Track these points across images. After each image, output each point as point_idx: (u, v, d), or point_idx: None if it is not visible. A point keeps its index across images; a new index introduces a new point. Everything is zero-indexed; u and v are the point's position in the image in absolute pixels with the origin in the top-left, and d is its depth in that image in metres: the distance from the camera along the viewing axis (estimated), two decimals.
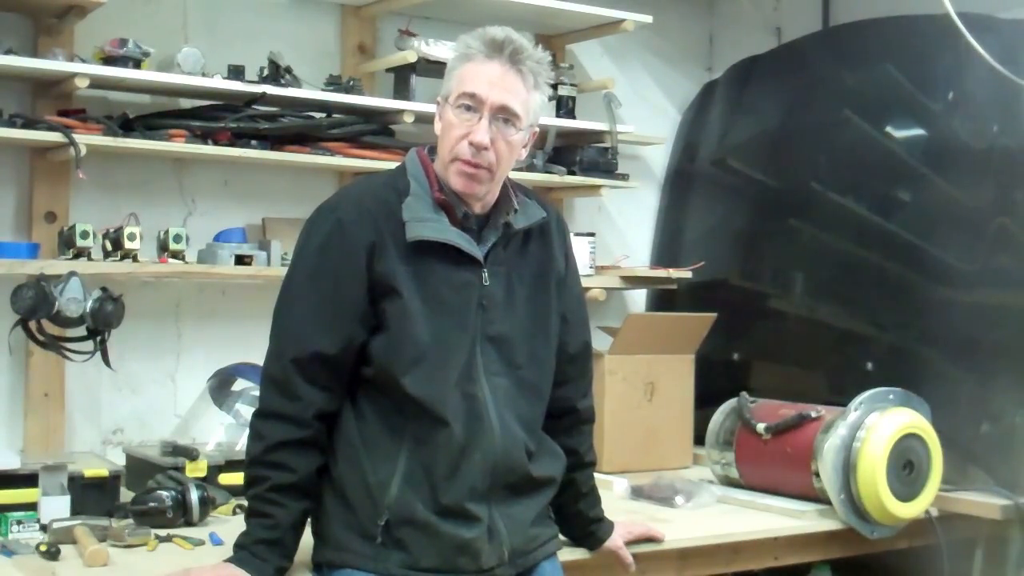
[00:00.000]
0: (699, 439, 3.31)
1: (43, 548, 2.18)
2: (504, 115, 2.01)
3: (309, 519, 2.06)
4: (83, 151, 2.73)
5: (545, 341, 2.14)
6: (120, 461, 2.85)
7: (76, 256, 2.79)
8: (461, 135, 2.01)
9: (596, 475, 2.33)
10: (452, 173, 2.03)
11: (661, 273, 3.71)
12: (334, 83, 3.21)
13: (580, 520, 2.31)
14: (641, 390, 3.38)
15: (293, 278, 2.05)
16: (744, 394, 3.10)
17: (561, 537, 2.26)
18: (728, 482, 3.07)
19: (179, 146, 2.92)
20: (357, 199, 2.06)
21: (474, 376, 2.03)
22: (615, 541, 2.35)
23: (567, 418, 2.24)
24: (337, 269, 2.00)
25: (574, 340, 2.23)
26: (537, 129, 2.13)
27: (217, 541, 2.29)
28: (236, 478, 2.50)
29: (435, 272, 2.01)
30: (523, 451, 2.08)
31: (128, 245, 2.79)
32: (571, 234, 3.46)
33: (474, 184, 2.03)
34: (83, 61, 2.87)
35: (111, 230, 2.84)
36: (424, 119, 3.24)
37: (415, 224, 2.00)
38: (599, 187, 3.63)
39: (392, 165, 3.06)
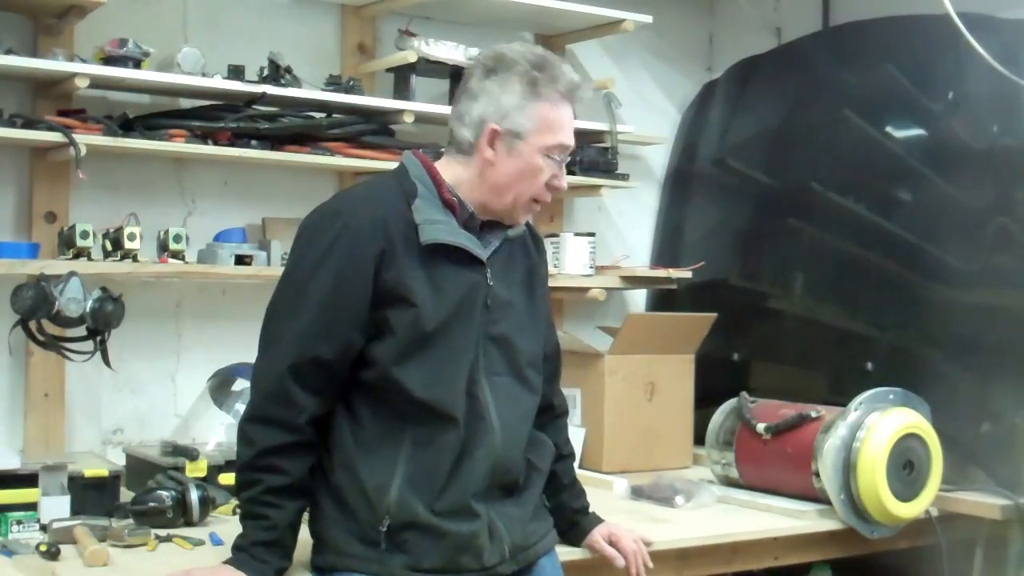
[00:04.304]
0: (699, 439, 3.31)
1: (43, 548, 2.18)
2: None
3: (308, 523, 2.07)
4: (83, 151, 2.73)
5: (537, 342, 2.18)
6: (120, 461, 2.85)
7: (76, 256, 2.78)
8: (546, 180, 2.06)
9: (596, 475, 2.33)
10: (521, 210, 2.09)
11: (661, 273, 3.71)
12: (334, 83, 3.21)
13: (564, 512, 2.31)
14: (641, 390, 3.38)
15: (294, 282, 2.02)
16: (744, 394, 3.10)
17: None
18: (728, 482, 3.07)
19: (179, 146, 2.92)
20: (364, 203, 2.03)
21: (476, 376, 2.04)
22: (593, 536, 2.32)
23: (545, 414, 2.27)
24: (342, 275, 1.97)
25: (549, 342, 2.30)
26: None
27: (217, 541, 2.29)
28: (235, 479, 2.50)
29: (447, 274, 2.02)
30: (521, 450, 2.10)
31: (128, 245, 2.78)
32: (572, 234, 3.55)
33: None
34: (83, 61, 2.86)
35: (111, 230, 2.84)
36: (424, 119, 3.25)
37: (428, 227, 2.00)
38: (599, 187, 3.63)
39: (392, 165, 3.08)
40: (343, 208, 2.03)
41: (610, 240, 3.95)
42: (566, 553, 2.28)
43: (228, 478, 2.63)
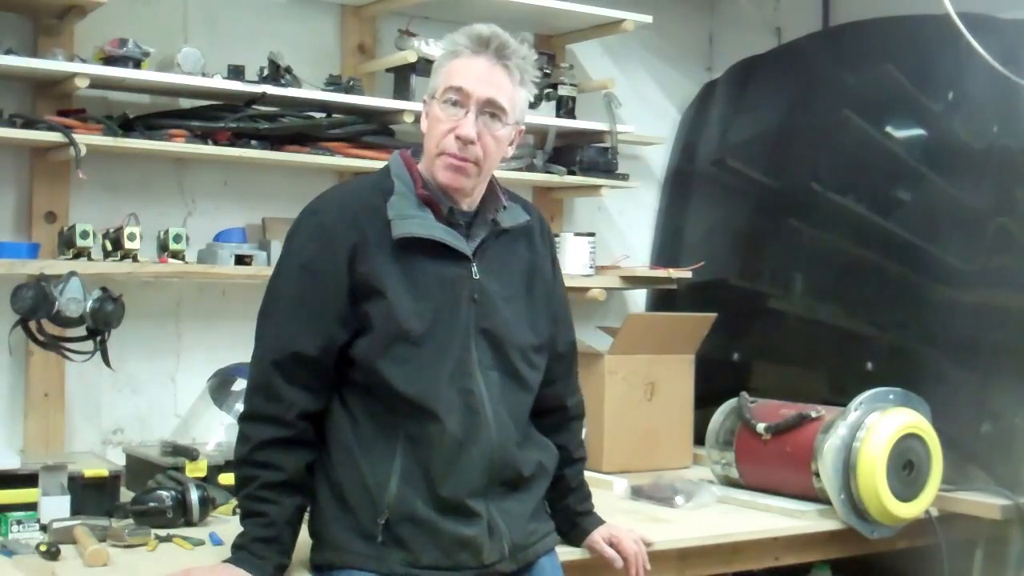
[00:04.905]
0: (699, 439, 3.31)
1: (43, 548, 2.18)
2: (491, 109, 2.04)
3: (307, 520, 2.07)
4: (83, 151, 2.73)
5: (535, 337, 2.16)
6: (120, 461, 2.85)
7: (76, 256, 2.78)
8: (447, 129, 2.03)
9: (596, 475, 2.33)
10: (438, 168, 2.04)
11: (661, 273, 3.71)
12: (334, 83, 3.21)
13: (567, 514, 2.31)
14: (641, 390, 3.38)
15: (275, 281, 2.08)
16: (744, 394, 3.10)
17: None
18: (728, 482, 3.07)
19: (179, 146, 2.92)
20: (339, 201, 2.08)
21: (469, 370, 2.04)
22: (593, 537, 2.31)
23: (556, 415, 2.27)
24: (317, 271, 2.01)
25: (562, 339, 2.27)
26: (523, 127, 2.16)
27: (217, 541, 2.29)
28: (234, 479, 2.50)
29: (423, 269, 2.02)
30: (515, 445, 2.10)
31: (128, 245, 2.79)
32: (572, 234, 3.54)
33: (460, 178, 2.04)
34: (83, 61, 2.86)
35: (111, 230, 2.84)
36: None
37: (400, 221, 2.02)
38: (599, 187, 3.63)
39: None
40: (319, 207, 2.08)
41: (610, 240, 3.95)
42: (566, 553, 2.28)
43: (228, 478, 2.63)
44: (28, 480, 2.39)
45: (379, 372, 1.99)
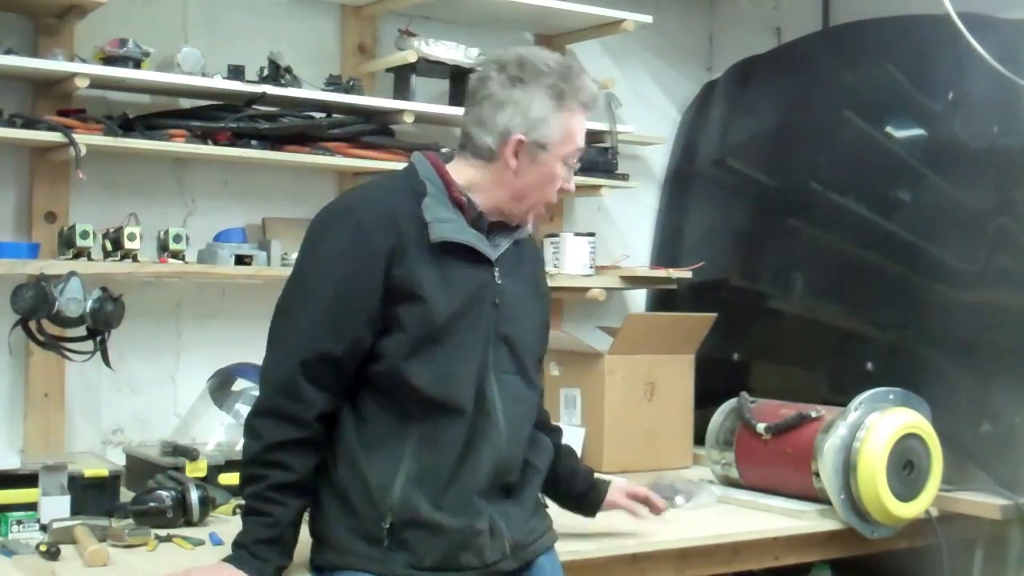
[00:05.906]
0: (699, 439, 3.31)
1: (43, 548, 2.18)
2: None
3: (307, 522, 2.07)
4: (83, 151, 2.73)
5: (540, 341, 2.20)
6: (120, 461, 2.85)
7: (76, 256, 2.79)
8: (560, 186, 2.12)
9: (596, 475, 2.34)
10: (533, 214, 2.14)
11: (661, 273, 3.71)
12: (334, 83, 3.21)
13: (578, 499, 2.37)
14: (641, 390, 3.38)
15: (303, 278, 2.03)
16: (744, 394, 3.10)
17: (556, 531, 2.26)
18: (728, 482, 3.07)
19: (179, 146, 2.92)
20: (376, 201, 2.04)
21: (485, 374, 2.04)
22: (614, 495, 2.38)
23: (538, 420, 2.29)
24: (354, 273, 1.98)
25: (544, 347, 2.31)
26: None
27: (217, 541, 2.29)
28: (236, 478, 2.48)
29: (456, 271, 2.02)
30: (522, 449, 2.11)
31: (128, 245, 2.79)
32: (572, 234, 3.56)
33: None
34: (83, 61, 2.87)
35: (111, 230, 2.84)
36: (424, 119, 3.25)
37: (438, 225, 2.01)
38: (599, 187, 3.63)
39: (392, 165, 3.08)
40: (355, 205, 2.05)
41: (610, 240, 3.95)
42: (566, 553, 2.28)
43: (228, 478, 2.64)
44: (28, 480, 2.39)
45: (402, 373, 1.98)
